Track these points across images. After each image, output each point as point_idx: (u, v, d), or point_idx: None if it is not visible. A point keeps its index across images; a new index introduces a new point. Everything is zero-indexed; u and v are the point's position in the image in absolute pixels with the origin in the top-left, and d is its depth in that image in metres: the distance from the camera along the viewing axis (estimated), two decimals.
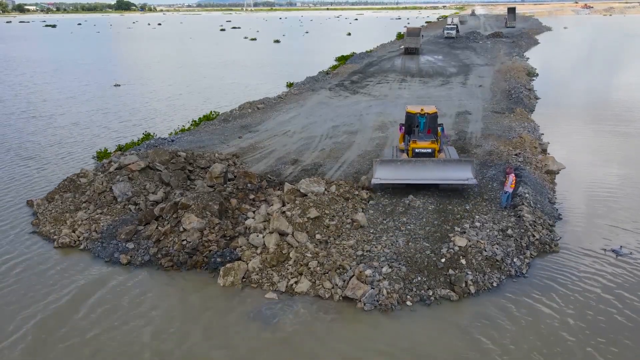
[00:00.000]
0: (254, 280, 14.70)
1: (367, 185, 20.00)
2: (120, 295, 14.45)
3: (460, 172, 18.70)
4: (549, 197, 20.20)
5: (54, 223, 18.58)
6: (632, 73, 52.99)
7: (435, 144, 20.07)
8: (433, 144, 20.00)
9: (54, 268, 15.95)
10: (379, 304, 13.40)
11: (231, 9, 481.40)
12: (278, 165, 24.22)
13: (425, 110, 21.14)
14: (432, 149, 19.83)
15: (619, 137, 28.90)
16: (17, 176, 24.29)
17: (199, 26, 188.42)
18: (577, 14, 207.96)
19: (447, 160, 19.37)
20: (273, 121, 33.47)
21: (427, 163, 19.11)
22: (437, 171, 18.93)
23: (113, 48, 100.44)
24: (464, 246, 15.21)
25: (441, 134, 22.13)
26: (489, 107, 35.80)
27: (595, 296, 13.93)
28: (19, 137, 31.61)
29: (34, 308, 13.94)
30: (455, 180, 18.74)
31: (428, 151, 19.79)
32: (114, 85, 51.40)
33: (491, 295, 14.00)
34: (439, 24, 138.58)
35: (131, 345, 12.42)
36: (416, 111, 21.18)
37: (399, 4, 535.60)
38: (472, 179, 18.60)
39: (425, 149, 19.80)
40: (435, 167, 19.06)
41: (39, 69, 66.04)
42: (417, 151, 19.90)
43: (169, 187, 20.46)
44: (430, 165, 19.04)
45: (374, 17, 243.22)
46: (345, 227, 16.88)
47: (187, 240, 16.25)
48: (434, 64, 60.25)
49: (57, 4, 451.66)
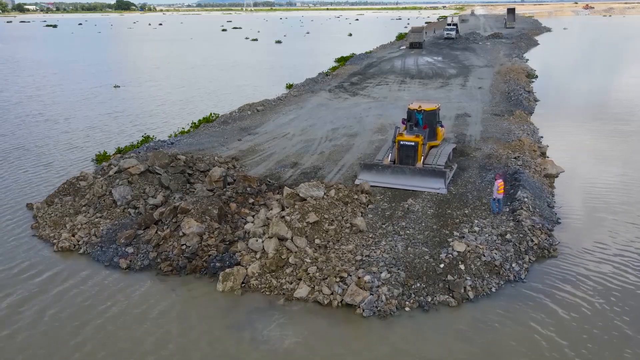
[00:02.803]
0: (253, 286, 14.72)
1: (366, 188, 20.06)
2: (119, 300, 14.45)
3: (433, 182, 20.47)
4: (548, 201, 20.23)
5: (54, 227, 18.61)
6: (631, 74, 53.00)
7: (419, 138, 21.41)
8: (417, 138, 21.42)
9: (53, 272, 15.95)
10: (377, 310, 13.42)
11: (231, 9, 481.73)
12: (277, 168, 24.24)
13: (423, 107, 22.93)
14: (415, 142, 21.32)
15: (619, 140, 28.93)
16: (17, 179, 24.30)
17: (200, 26, 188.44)
18: (577, 15, 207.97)
19: (422, 170, 20.84)
20: (272, 123, 33.49)
21: (405, 170, 20.92)
22: (413, 179, 20.72)
23: (115, 49, 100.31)
24: (462, 251, 15.23)
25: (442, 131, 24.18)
26: (488, 109, 35.84)
27: (594, 301, 13.95)
28: (20, 138, 31.64)
29: (33, 310, 13.96)
30: (428, 188, 20.38)
31: (411, 144, 21.36)
32: (114, 87, 51.42)
33: (490, 301, 14.03)
34: (438, 24, 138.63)
35: (129, 351, 12.43)
36: (415, 108, 22.93)
37: (398, 4, 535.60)
38: (443, 188, 20.27)
39: (409, 142, 21.42)
40: (412, 175, 20.78)
41: (47, 70, 65.80)
42: (402, 143, 21.54)
43: (169, 191, 20.48)
44: (408, 173, 20.84)
45: (374, 18, 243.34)
46: (344, 231, 16.91)
47: (186, 245, 16.28)
48: (433, 65, 60.27)
49: (56, 3, 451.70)
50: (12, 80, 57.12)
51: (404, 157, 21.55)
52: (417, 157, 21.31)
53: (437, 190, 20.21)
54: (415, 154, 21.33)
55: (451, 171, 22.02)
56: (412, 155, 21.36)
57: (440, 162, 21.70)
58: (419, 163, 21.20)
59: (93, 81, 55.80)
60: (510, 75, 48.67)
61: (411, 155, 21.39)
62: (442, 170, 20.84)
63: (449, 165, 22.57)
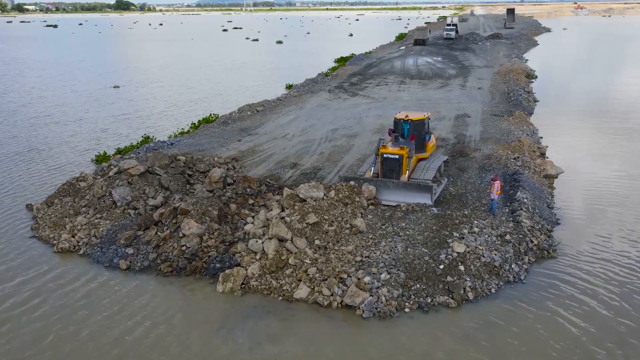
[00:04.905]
0: (253, 287, 14.74)
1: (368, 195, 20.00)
2: (119, 302, 14.46)
3: (418, 197, 19.28)
4: (548, 202, 20.25)
5: (54, 227, 18.62)
6: (631, 74, 53.02)
7: (404, 150, 19.89)
8: (402, 151, 19.89)
9: (53, 273, 15.96)
10: (377, 311, 13.43)
11: (230, 9, 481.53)
12: (277, 169, 24.26)
13: (411, 116, 21.20)
14: (399, 155, 19.78)
15: (619, 140, 28.94)
16: (16, 179, 24.31)
17: (200, 27, 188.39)
18: (577, 15, 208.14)
19: (407, 184, 19.53)
20: (272, 124, 33.51)
21: (388, 184, 19.62)
22: (396, 193, 19.54)
23: (117, 49, 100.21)
24: (462, 252, 15.24)
25: (430, 141, 22.32)
26: (488, 109, 35.87)
27: (594, 302, 13.96)
28: (20, 139, 31.64)
29: (33, 311, 13.97)
30: (413, 202, 19.19)
31: (395, 157, 19.84)
32: (113, 87, 51.42)
33: (489, 302, 14.04)
34: (438, 24, 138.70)
35: (129, 352, 12.44)
36: (401, 117, 21.32)
37: (398, 5, 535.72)
38: (428, 203, 19.10)
39: (393, 155, 19.87)
40: (396, 189, 19.55)
41: (55, 71, 65.71)
42: (385, 156, 20.02)
43: (169, 192, 20.49)
44: (391, 187, 19.58)
45: (374, 18, 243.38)
46: (344, 232, 16.93)
47: (186, 246, 16.30)
48: (433, 65, 60.30)
49: (56, 3, 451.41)
50: (20, 81, 56.71)
51: (388, 170, 20.01)
52: (401, 171, 19.85)
53: (422, 204, 19.10)
54: (399, 167, 19.82)
55: (439, 186, 20.53)
56: (397, 169, 19.84)
57: (428, 177, 20.14)
58: (404, 177, 19.80)
59: (100, 81, 55.62)
60: (510, 76, 48.70)
61: (395, 169, 19.86)
62: (428, 185, 19.37)
63: (438, 179, 21.01)
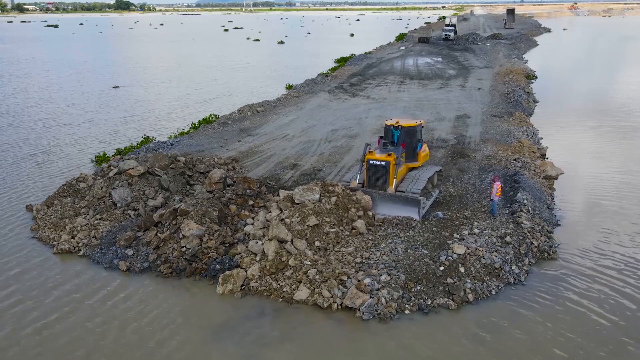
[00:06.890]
0: (253, 288, 14.72)
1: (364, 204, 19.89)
2: (119, 303, 14.45)
3: (404, 210, 18.53)
4: (548, 203, 20.24)
5: (54, 228, 18.60)
6: (631, 75, 53.02)
7: (391, 157, 19.03)
8: (389, 157, 19.03)
9: (53, 274, 15.95)
10: (377, 313, 13.42)
11: (230, 9, 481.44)
12: (277, 170, 24.24)
13: (401, 123, 20.31)
14: (386, 162, 18.91)
15: (619, 141, 28.94)
16: (16, 179, 24.28)
17: (201, 27, 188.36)
18: (576, 15, 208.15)
19: (393, 196, 18.72)
20: (272, 124, 33.50)
21: (373, 195, 18.93)
22: (382, 206, 18.87)
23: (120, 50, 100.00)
24: (462, 254, 15.24)
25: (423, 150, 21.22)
26: (488, 110, 35.86)
27: (594, 304, 13.95)
28: (20, 140, 31.62)
29: (32, 312, 13.96)
30: (401, 214, 18.50)
31: (381, 164, 18.98)
32: (113, 87, 51.40)
33: (490, 304, 14.03)
34: (439, 24, 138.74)
35: (129, 353, 12.43)
36: (391, 123, 20.47)
37: (398, 5, 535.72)
38: (415, 217, 18.37)
39: (379, 162, 19.03)
40: (381, 201, 18.88)
41: (58, 71, 65.58)
42: (371, 163, 19.17)
43: (169, 193, 20.48)
44: (376, 199, 18.91)
45: (374, 18, 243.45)
46: (344, 234, 16.90)
47: (186, 247, 16.28)
48: (432, 65, 60.29)
49: (56, 3, 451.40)
50: (29, 82, 56.48)
51: (374, 179, 19.10)
52: (388, 179, 18.88)
53: (409, 216, 18.41)
54: (386, 175, 18.84)
55: (429, 199, 19.50)
56: (383, 177, 18.90)
57: (417, 188, 18.77)
58: (391, 188, 18.78)
59: (102, 82, 55.56)
60: (510, 76, 48.72)
61: (382, 177, 18.92)
62: (415, 198, 18.29)
63: (429, 191, 20.10)
